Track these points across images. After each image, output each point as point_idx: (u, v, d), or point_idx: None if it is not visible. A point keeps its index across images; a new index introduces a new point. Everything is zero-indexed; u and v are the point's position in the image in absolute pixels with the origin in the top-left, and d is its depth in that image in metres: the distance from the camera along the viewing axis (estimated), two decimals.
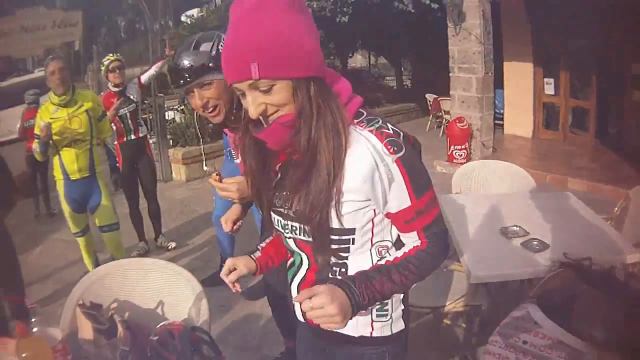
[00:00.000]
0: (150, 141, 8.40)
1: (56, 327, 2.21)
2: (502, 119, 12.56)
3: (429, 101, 14.40)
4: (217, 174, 2.31)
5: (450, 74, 10.30)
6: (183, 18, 19.63)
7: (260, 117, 1.50)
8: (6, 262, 3.82)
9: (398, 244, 1.69)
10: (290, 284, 1.81)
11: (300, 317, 1.84)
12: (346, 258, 1.64)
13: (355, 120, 1.52)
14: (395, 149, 1.47)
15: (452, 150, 10.11)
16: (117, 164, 5.33)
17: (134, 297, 2.80)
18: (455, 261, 3.60)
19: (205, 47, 2.32)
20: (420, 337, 4.05)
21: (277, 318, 3.48)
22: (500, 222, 3.75)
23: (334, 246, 1.60)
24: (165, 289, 2.79)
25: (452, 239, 3.47)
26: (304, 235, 1.61)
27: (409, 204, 1.53)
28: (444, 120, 13.01)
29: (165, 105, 11.41)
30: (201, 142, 10.16)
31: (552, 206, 4.05)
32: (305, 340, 1.99)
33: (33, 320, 2.03)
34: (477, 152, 10.28)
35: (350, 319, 1.48)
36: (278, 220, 1.69)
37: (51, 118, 4.57)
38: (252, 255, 1.91)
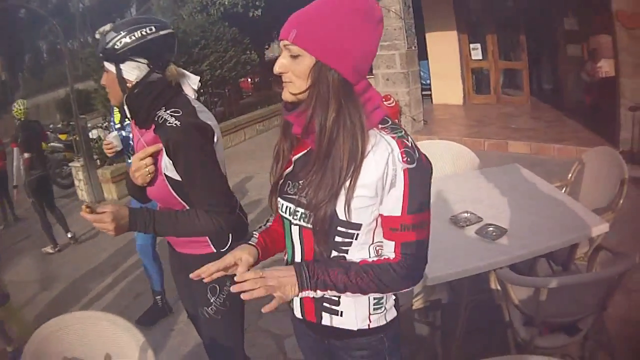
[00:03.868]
0: (78, 164, 9.72)
1: None
2: (429, 90, 12.45)
3: None
4: (86, 205, 2.13)
5: None
6: (97, 35, 19.26)
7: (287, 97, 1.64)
8: None
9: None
10: None
11: (298, 314, 1.90)
12: (346, 252, 1.70)
13: (381, 126, 1.62)
14: (409, 159, 1.55)
15: None
16: None
17: (80, 353, 2.72)
18: None
19: (110, 36, 2.26)
20: None
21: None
22: (449, 209, 3.51)
23: (338, 238, 1.67)
24: (109, 342, 2.70)
25: None
26: (308, 223, 1.68)
27: (399, 214, 1.59)
28: None
29: (89, 125, 11.33)
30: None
31: (501, 183, 3.80)
32: (304, 336, 2.04)
33: None
34: (409, 127, 10.11)
35: (297, 295, 1.64)
36: (287, 207, 1.77)
37: None
38: (249, 242, 1.89)
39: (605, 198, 3.63)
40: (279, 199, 1.81)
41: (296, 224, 1.75)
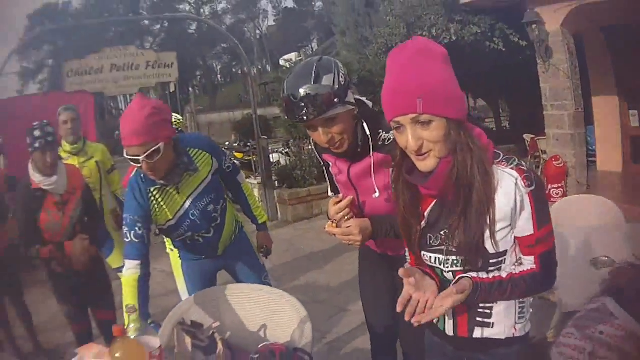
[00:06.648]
0: (255, 181, 10.20)
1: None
2: (594, 156, 12.11)
3: (527, 142, 13.68)
4: (332, 221, 2.27)
5: (545, 112, 10.07)
6: (282, 62, 19.72)
7: (414, 157, 1.72)
8: (99, 282, 4.10)
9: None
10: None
11: (449, 332, 2.00)
12: None
13: (496, 161, 1.76)
14: (529, 183, 1.71)
15: (550, 189, 9.56)
16: None
17: (238, 319, 2.93)
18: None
19: (327, 79, 2.19)
20: None
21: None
22: (591, 254, 3.67)
23: (491, 268, 1.81)
24: (269, 313, 2.90)
25: None
26: (464, 266, 1.81)
27: (532, 232, 1.77)
28: (542, 160, 12.32)
29: (270, 148, 11.94)
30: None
31: None
32: (441, 356, 2.14)
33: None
34: (573, 190, 9.85)
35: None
36: (436, 258, 1.89)
37: None
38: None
39: None
40: (423, 252, 1.92)
41: (449, 271, 1.86)
